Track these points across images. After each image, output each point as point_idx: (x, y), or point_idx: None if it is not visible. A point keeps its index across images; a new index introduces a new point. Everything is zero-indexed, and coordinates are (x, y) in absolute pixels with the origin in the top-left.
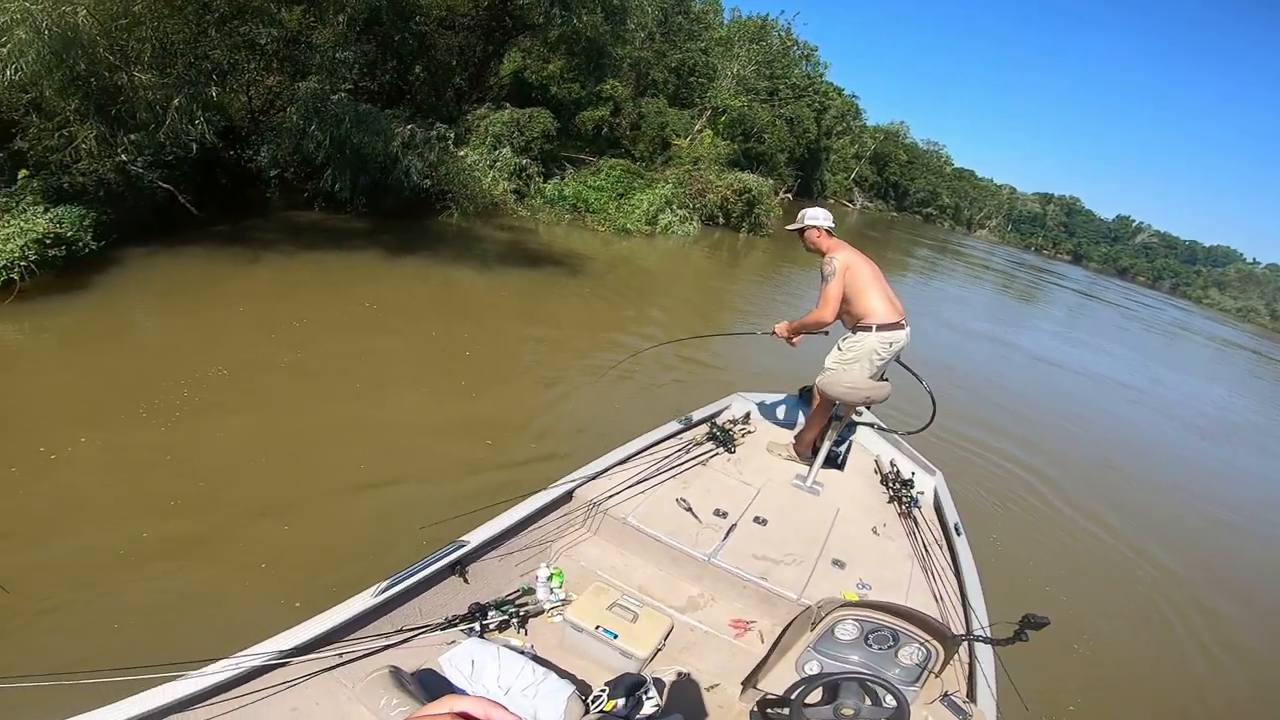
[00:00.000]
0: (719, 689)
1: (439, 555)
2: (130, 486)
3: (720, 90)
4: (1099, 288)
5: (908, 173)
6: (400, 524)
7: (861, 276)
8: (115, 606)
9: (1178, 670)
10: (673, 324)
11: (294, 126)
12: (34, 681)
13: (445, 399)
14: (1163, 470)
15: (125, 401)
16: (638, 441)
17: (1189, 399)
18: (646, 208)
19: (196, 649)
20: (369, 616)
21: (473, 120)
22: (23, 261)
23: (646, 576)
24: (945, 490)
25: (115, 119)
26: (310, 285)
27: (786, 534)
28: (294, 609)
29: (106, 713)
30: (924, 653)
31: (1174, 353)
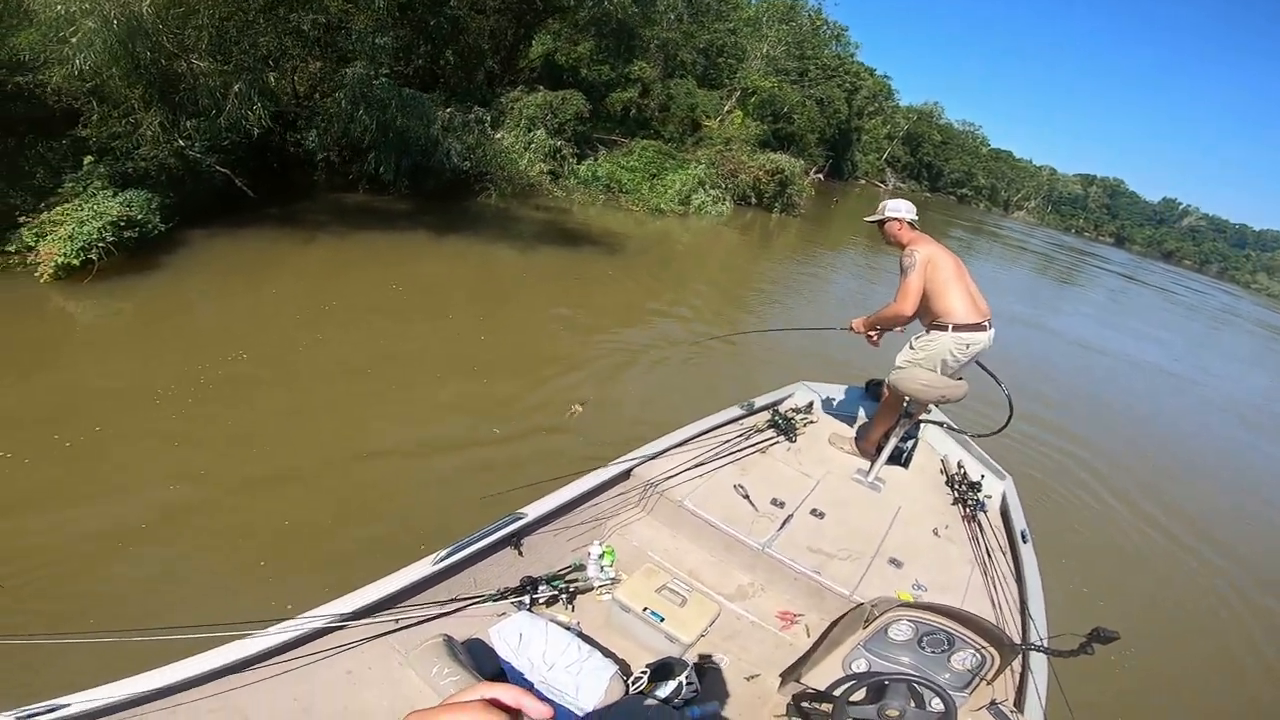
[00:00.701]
0: (759, 680)
1: (497, 526)
2: (203, 456)
3: (749, 71)
4: (1143, 270)
5: (942, 153)
6: (462, 494)
7: (943, 272)
8: (180, 568)
9: (1235, 690)
10: (721, 306)
11: (342, 111)
12: (107, 636)
13: (503, 377)
14: (1221, 469)
15: (192, 373)
16: (698, 424)
17: (1242, 390)
18: (680, 188)
19: (259, 612)
20: (425, 584)
21: (506, 103)
22: (100, 243)
23: (698, 561)
24: (1015, 496)
25: (178, 105)
26: (361, 265)
27: (843, 529)
28: (352, 573)
29: (177, 668)
30: (978, 659)
31: (1224, 340)
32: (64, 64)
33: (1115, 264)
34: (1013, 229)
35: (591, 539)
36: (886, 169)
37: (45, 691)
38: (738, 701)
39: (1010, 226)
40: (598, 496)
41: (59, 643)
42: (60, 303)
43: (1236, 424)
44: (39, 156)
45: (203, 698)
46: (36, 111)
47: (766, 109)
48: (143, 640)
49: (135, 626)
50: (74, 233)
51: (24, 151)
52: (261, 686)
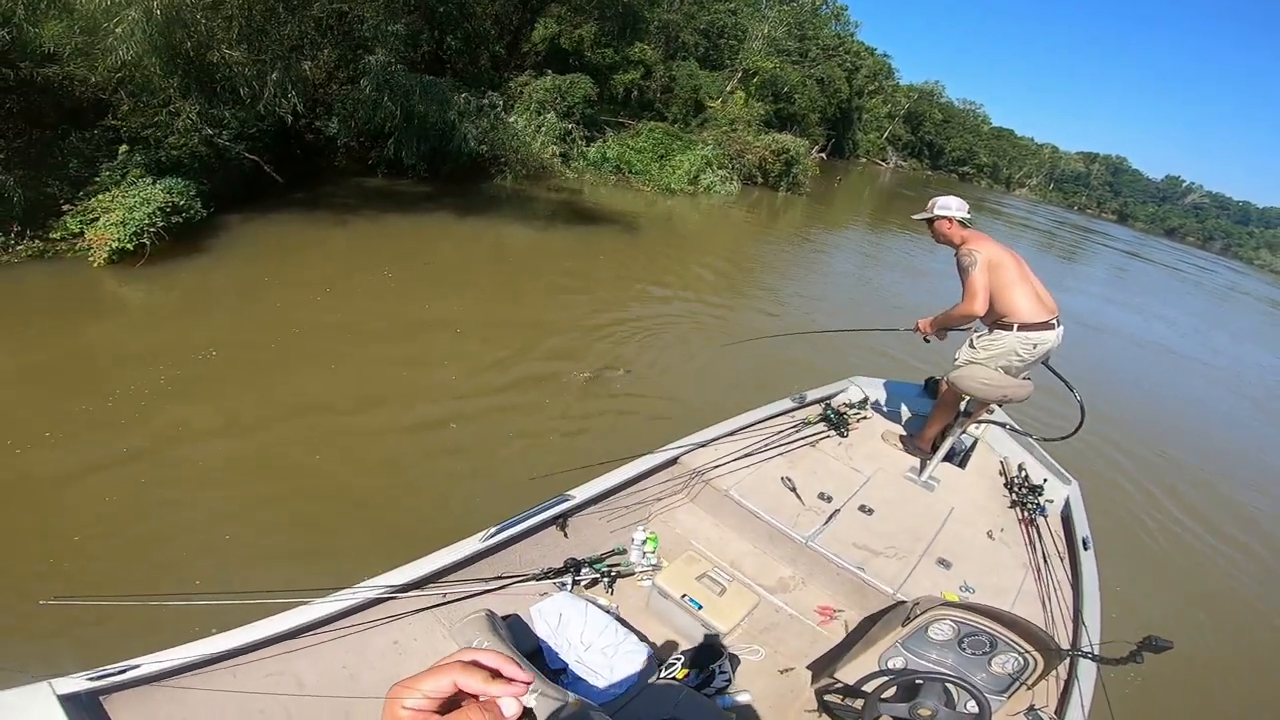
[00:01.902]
0: (793, 673)
1: (544, 507)
2: (260, 438)
3: (751, 52)
4: (1147, 247)
5: (943, 131)
6: (510, 475)
7: (1006, 271)
8: (240, 539)
9: None
10: (754, 287)
11: (367, 98)
12: (173, 599)
13: (544, 357)
14: (1250, 461)
15: (249, 349)
16: (748, 415)
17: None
18: (688, 168)
19: (313, 581)
20: (472, 560)
21: (515, 87)
22: (151, 227)
23: (740, 551)
24: (1080, 502)
25: (215, 95)
26: (388, 244)
27: (891, 526)
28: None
29: (240, 633)
30: (1020, 663)
31: (1244, 320)
32: (107, 54)
33: (1119, 241)
34: (1015, 206)
35: (636, 524)
36: (888, 147)
37: (114, 652)
38: (770, 693)
39: (1012, 204)
40: (644, 482)
41: (129, 605)
42: (115, 286)
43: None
44: (72, 147)
45: (261, 662)
46: (66, 103)
47: (768, 89)
48: (210, 605)
49: (202, 591)
50: (125, 218)
51: (58, 142)
52: (315, 653)
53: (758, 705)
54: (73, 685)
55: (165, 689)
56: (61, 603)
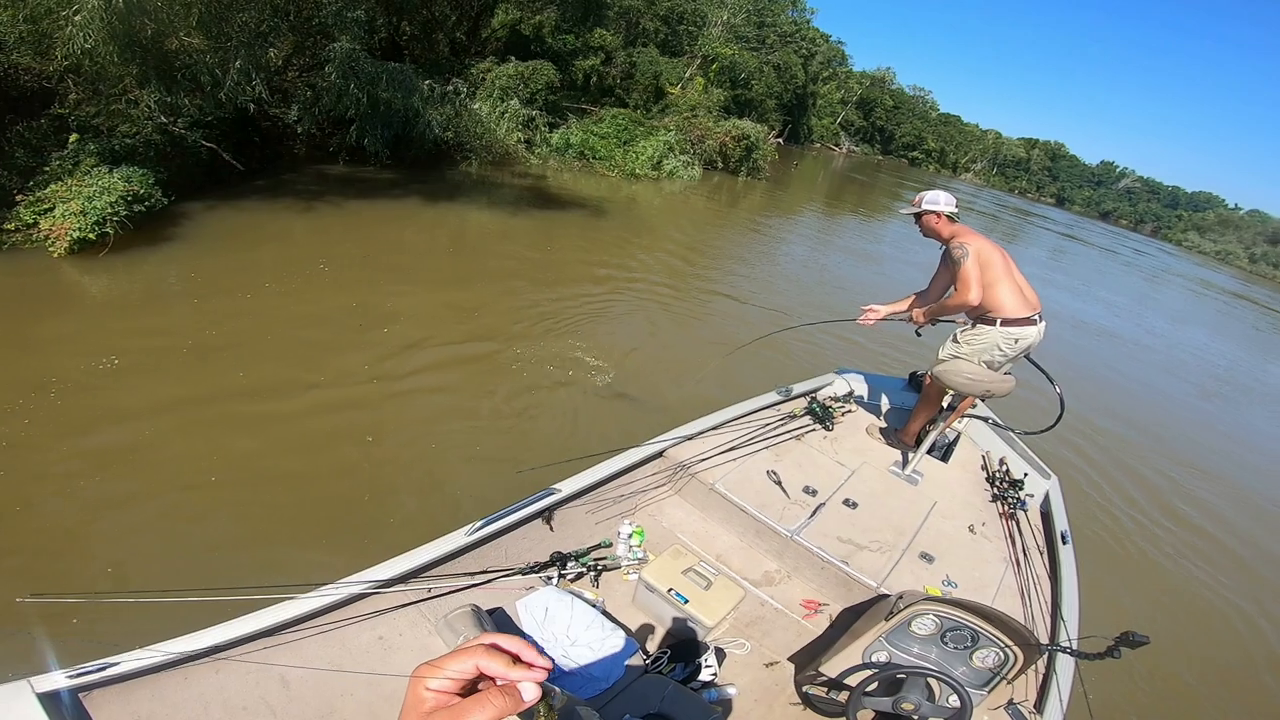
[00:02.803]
0: (779, 666)
1: (529, 501)
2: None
3: (710, 38)
4: (1082, 230)
5: (893, 117)
6: (500, 467)
7: (993, 266)
8: (217, 532)
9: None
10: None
11: (332, 85)
12: (150, 597)
13: (522, 341)
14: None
15: (215, 343)
16: (734, 409)
17: (1206, 359)
18: (651, 154)
19: (296, 577)
20: (457, 554)
21: (477, 74)
22: (114, 217)
23: (726, 545)
24: (1059, 496)
25: (175, 82)
26: (360, 231)
27: (876, 520)
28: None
29: (221, 629)
30: (1001, 658)
31: (1170, 300)
32: (67, 42)
33: (1058, 224)
34: (961, 190)
35: (622, 518)
36: (841, 133)
37: (96, 650)
38: (756, 687)
39: (959, 188)
40: (630, 475)
41: (108, 603)
42: (77, 276)
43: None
44: (19, 136)
45: (244, 658)
46: (12, 92)
47: (726, 75)
48: (190, 602)
49: (183, 588)
50: (86, 208)
51: (2, 132)
52: (298, 649)
53: (743, 698)
54: (52, 683)
55: (146, 686)
56: (39, 600)
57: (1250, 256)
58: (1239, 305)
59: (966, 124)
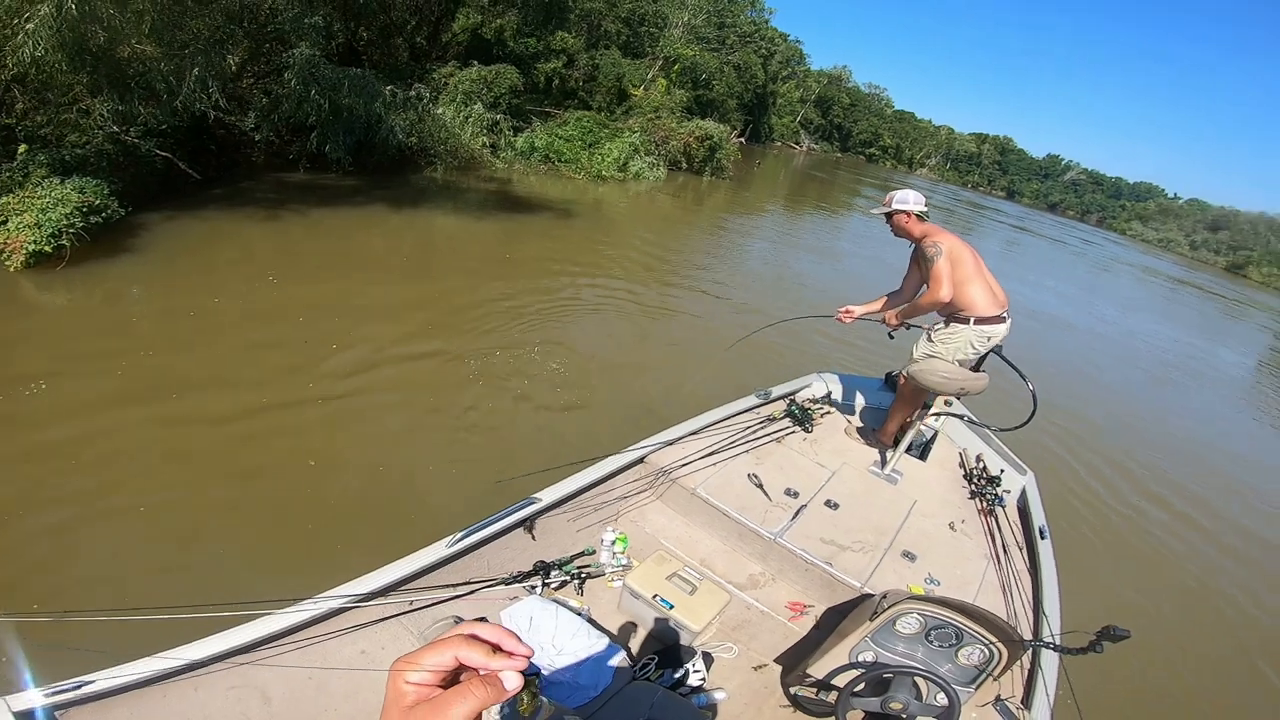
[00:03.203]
0: (767, 669)
1: (510, 510)
2: (207, 458)
3: (671, 39)
4: (1033, 221)
5: (851, 115)
6: (479, 477)
7: (965, 266)
8: (194, 548)
9: (1246, 690)
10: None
11: (293, 92)
12: (132, 614)
13: (491, 349)
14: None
15: (179, 357)
16: (713, 413)
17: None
18: (617, 155)
19: (274, 592)
20: (439, 566)
21: (439, 78)
22: (70, 229)
23: (709, 550)
24: (1035, 492)
25: (129, 91)
26: (324, 240)
27: (857, 520)
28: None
29: (199, 646)
30: (985, 654)
31: (1118, 288)
32: (15, 51)
33: (1009, 216)
34: (918, 185)
35: (604, 525)
36: (800, 131)
37: (72, 668)
38: (745, 690)
39: (915, 183)
40: (611, 482)
41: (83, 620)
42: (33, 292)
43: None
44: None
45: (223, 674)
46: None
47: (688, 76)
48: (165, 619)
49: (158, 605)
50: (40, 220)
51: None
52: (279, 663)
53: (733, 703)
54: (28, 701)
55: (124, 704)
56: (10, 619)
57: (1191, 244)
58: (1182, 291)
59: (920, 120)
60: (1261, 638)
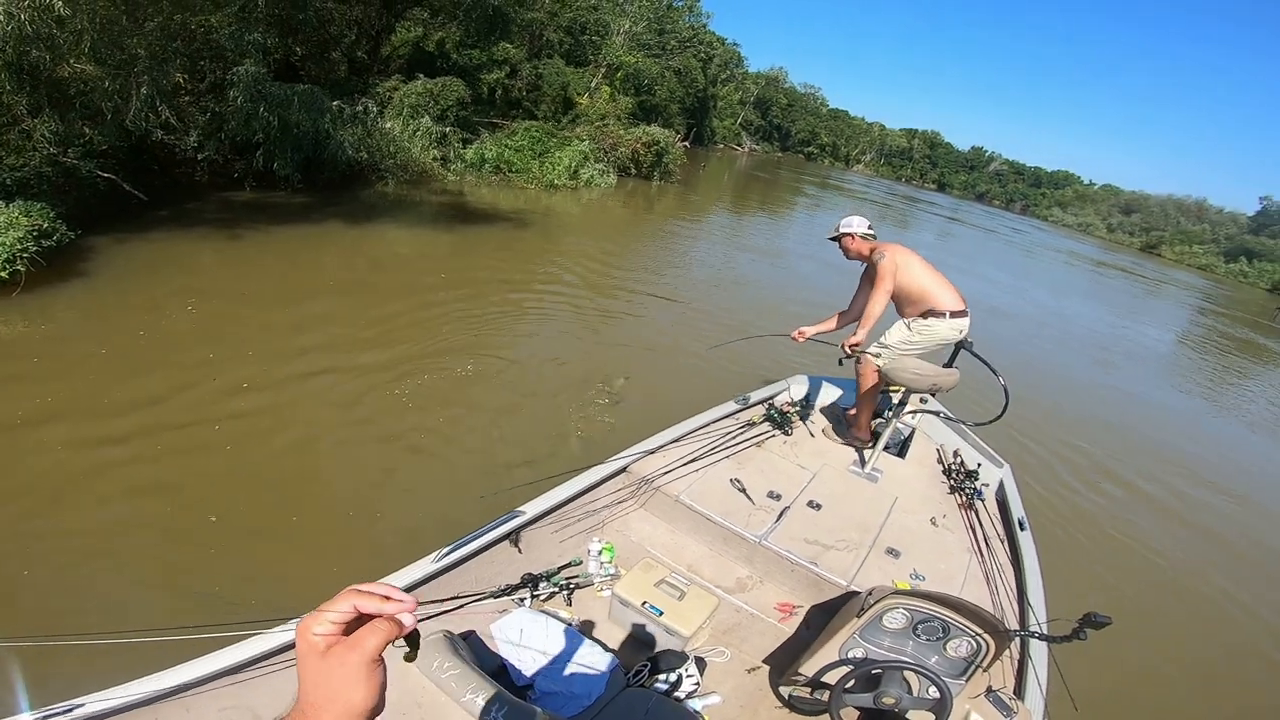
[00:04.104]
0: (760, 671)
1: (495, 524)
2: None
3: (614, 47)
4: (963, 211)
5: (789, 115)
6: (464, 492)
7: (913, 268)
8: (182, 569)
9: (1233, 671)
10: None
11: (239, 109)
12: (120, 638)
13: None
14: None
15: (158, 382)
16: (694, 420)
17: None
18: (568, 164)
19: (263, 612)
20: (425, 581)
21: (384, 92)
22: (24, 253)
23: (696, 555)
24: (1013, 484)
25: (73, 111)
26: (276, 259)
27: (840, 520)
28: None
29: (189, 667)
30: (973, 646)
31: (1048, 272)
32: None
33: (941, 208)
34: (855, 181)
35: (590, 535)
36: (742, 133)
37: (64, 691)
38: (738, 693)
39: (852, 179)
40: (595, 492)
41: (77, 644)
42: None
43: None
44: None
45: (214, 694)
46: None
47: (631, 83)
48: (155, 641)
49: (147, 628)
50: None
51: None
52: (269, 683)
53: (727, 706)
54: None
55: None
56: (1, 645)
57: (1108, 227)
58: (1107, 273)
59: (854, 118)
60: (1240, 617)
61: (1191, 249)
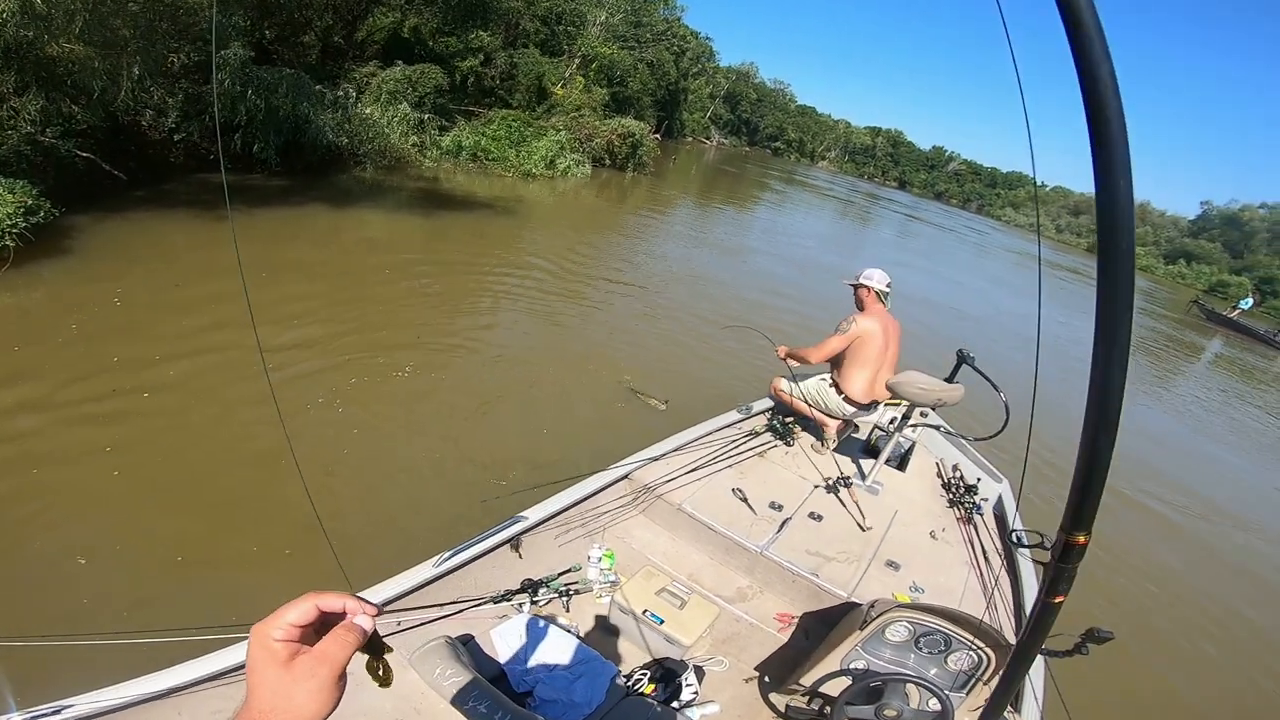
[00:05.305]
0: (759, 681)
1: (496, 529)
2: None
3: (589, 37)
4: (923, 209)
5: (757, 110)
6: (464, 496)
7: (865, 350)
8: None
9: (1231, 686)
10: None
11: (226, 92)
12: (114, 639)
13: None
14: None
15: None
16: (696, 429)
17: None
18: (545, 153)
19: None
20: (425, 586)
21: (361, 78)
22: (13, 229)
23: (697, 564)
24: (1011, 499)
25: (61, 90)
26: (256, 239)
27: (841, 531)
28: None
29: (182, 670)
30: (974, 660)
31: (1003, 273)
32: None
33: (902, 205)
34: (820, 178)
35: (591, 542)
36: (711, 126)
37: (51, 692)
38: (737, 703)
39: (817, 175)
40: (596, 499)
41: (68, 645)
42: None
43: None
44: None
45: (206, 697)
46: None
47: (604, 75)
48: (150, 643)
49: (140, 629)
50: None
51: None
52: None
53: (726, 715)
54: None
55: None
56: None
57: (1056, 227)
58: (1059, 275)
59: (821, 115)
60: (1237, 627)
61: None
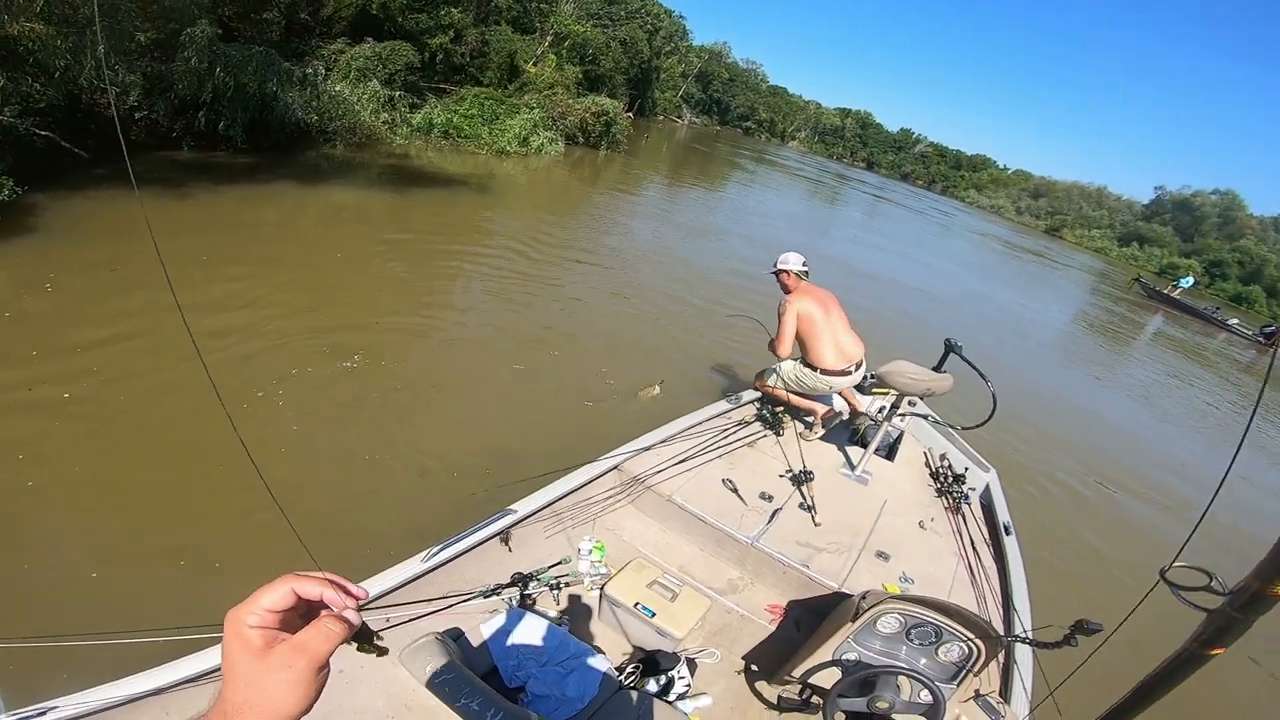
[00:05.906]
0: (750, 673)
1: (486, 522)
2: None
3: (562, 15)
4: (890, 190)
5: (729, 90)
6: (457, 488)
7: (812, 323)
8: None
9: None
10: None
11: (192, 70)
12: (100, 639)
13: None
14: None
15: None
16: (685, 419)
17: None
18: (519, 130)
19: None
20: (414, 580)
21: (329, 55)
22: None
23: (688, 556)
24: (999, 488)
25: (23, 69)
26: (224, 217)
27: (831, 522)
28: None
29: (170, 669)
30: (964, 651)
31: (966, 254)
32: None
33: (870, 186)
34: (789, 157)
35: (582, 534)
36: (682, 105)
37: (39, 694)
38: (729, 694)
39: (787, 155)
40: (586, 491)
41: (54, 646)
42: None
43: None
44: None
45: (194, 696)
46: None
47: (577, 53)
48: (136, 643)
49: (129, 629)
50: None
51: None
52: None
53: (718, 707)
54: None
55: None
56: None
57: (1017, 209)
58: (1024, 258)
59: (792, 96)
60: None
61: (1090, 233)
